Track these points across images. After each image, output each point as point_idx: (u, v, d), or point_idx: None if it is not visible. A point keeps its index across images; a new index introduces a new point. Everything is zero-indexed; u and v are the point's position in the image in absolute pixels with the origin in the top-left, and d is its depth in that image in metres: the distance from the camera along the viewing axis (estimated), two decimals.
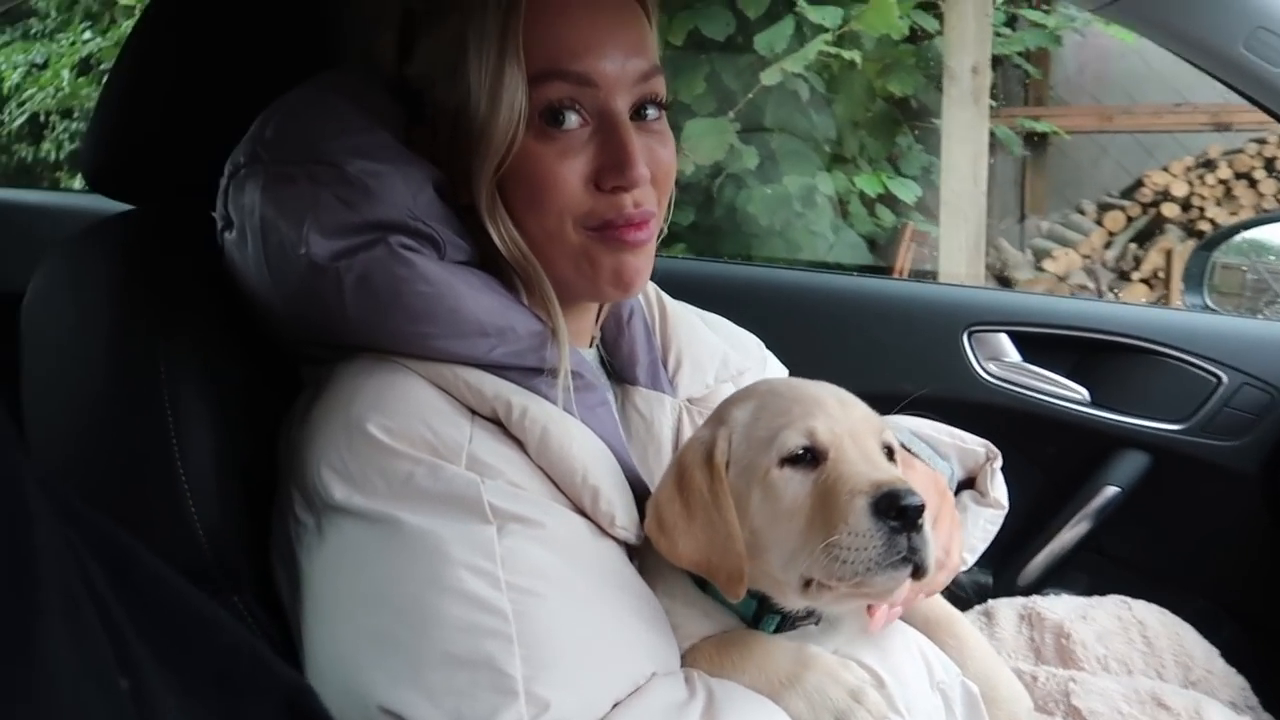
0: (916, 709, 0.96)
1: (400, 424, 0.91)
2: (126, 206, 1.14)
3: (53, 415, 1.02)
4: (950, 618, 1.11)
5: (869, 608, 0.99)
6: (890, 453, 0.97)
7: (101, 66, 6.35)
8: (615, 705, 0.87)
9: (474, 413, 0.95)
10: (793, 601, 0.95)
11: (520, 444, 0.94)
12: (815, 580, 0.90)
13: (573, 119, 0.97)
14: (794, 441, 0.92)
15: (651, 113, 1.02)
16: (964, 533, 1.18)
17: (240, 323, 1.03)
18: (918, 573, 0.88)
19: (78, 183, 5.97)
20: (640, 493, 1.01)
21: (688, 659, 0.97)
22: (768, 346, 1.34)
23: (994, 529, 1.21)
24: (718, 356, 1.21)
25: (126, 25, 6.16)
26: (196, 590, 0.60)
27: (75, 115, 6.52)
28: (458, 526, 0.87)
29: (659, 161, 1.02)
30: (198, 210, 1.10)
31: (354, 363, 0.96)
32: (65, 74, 6.47)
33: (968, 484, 1.24)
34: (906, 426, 1.19)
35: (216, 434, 0.97)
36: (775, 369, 1.35)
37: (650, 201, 1.01)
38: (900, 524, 0.86)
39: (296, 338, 1.01)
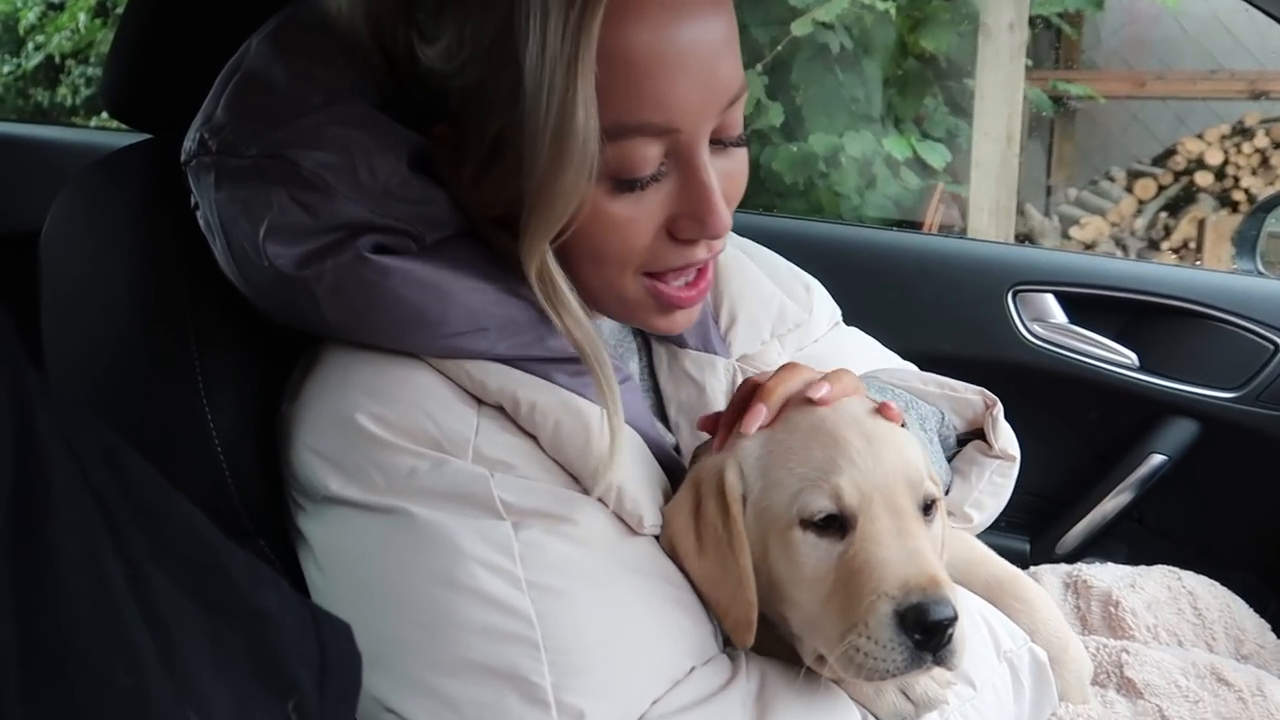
0: (981, 680, 0.91)
1: (398, 414, 0.83)
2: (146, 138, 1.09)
3: (74, 348, 0.97)
4: (1015, 579, 1.05)
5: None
6: (929, 507, 0.85)
7: (117, 10, 6.25)
8: (654, 703, 0.80)
9: (480, 401, 0.86)
10: (806, 657, 0.86)
11: (533, 437, 0.86)
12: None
13: (651, 173, 0.84)
14: (817, 505, 0.82)
15: (731, 138, 0.90)
16: (969, 489, 1.07)
17: None
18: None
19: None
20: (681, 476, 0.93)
21: None
22: None
23: (1005, 482, 1.08)
24: (774, 308, 1.12)
25: None
26: (183, 496, 0.59)
27: (91, 60, 6.43)
28: (470, 522, 0.80)
29: (733, 184, 0.91)
30: None
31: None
32: (81, 16, 6.37)
33: (971, 435, 1.11)
34: (885, 381, 1.09)
35: (240, 364, 0.92)
36: (847, 337, 1.22)
37: (723, 240, 0.92)
38: (924, 639, 0.77)
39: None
